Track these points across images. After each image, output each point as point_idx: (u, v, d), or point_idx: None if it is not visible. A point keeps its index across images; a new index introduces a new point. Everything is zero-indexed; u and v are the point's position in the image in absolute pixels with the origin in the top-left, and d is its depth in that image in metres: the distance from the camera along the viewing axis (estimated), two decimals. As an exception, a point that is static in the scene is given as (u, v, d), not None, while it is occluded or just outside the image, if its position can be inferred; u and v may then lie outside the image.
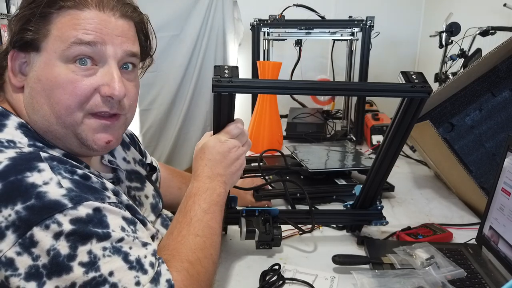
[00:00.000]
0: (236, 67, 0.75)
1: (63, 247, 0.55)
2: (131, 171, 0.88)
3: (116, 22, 0.66)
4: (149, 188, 0.90)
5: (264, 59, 1.98)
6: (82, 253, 0.56)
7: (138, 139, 1.00)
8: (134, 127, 2.47)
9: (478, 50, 1.67)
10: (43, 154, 0.60)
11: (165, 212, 0.95)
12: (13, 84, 0.67)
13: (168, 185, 1.08)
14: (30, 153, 0.60)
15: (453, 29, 1.75)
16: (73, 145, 0.68)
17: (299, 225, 0.96)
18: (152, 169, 1.00)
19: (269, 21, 1.88)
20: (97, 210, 0.59)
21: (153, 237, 0.74)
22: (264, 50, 1.97)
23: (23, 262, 0.54)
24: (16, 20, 0.65)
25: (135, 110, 0.74)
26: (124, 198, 0.69)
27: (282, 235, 0.92)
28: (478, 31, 1.66)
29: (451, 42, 1.79)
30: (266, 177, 1.24)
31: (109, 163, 0.82)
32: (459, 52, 1.74)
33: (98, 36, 0.64)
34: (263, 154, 1.42)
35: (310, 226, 0.95)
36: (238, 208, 0.96)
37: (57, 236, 0.54)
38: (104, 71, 0.66)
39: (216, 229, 0.74)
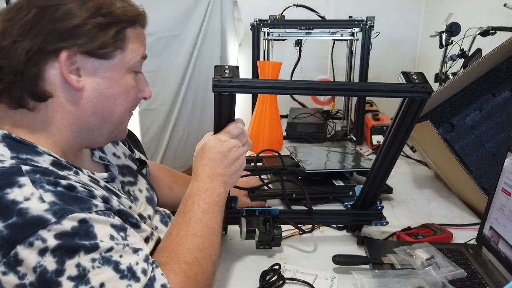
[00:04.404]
0: (237, 67, 0.75)
1: (50, 263, 0.54)
2: (123, 166, 0.88)
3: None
4: (142, 182, 0.90)
5: (264, 59, 1.97)
6: (70, 267, 0.55)
7: None
8: (135, 127, 2.47)
9: (478, 50, 1.67)
10: (24, 168, 0.58)
11: (162, 209, 0.94)
12: (73, 87, 0.66)
13: (157, 183, 1.06)
14: (11, 167, 0.58)
15: (453, 29, 1.75)
16: (102, 137, 0.74)
17: (299, 225, 0.96)
18: (141, 163, 0.99)
19: (269, 21, 1.87)
20: (83, 221, 0.57)
21: (147, 239, 0.72)
22: (264, 50, 1.97)
23: (10, 282, 0.53)
24: (90, 25, 0.65)
25: None
26: (115, 203, 0.67)
27: (282, 235, 0.92)
28: (478, 31, 1.65)
29: (451, 42, 1.79)
30: (263, 177, 1.23)
31: (100, 160, 0.81)
32: (459, 52, 1.74)
33: None
34: (262, 154, 1.41)
35: (310, 226, 0.95)
36: (238, 208, 0.96)
37: (42, 252, 0.53)
38: (140, 78, 0.76)
39: (216, 229, 0.74)
